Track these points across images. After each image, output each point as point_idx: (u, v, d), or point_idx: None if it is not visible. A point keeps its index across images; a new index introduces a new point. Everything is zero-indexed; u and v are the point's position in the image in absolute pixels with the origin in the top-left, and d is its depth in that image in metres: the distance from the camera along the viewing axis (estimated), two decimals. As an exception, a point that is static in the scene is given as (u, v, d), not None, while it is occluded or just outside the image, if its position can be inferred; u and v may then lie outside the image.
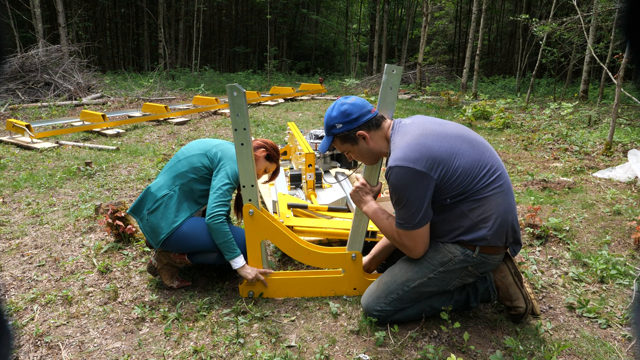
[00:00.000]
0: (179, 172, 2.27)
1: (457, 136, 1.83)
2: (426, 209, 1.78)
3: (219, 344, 1.90)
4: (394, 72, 1.96)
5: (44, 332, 2.00)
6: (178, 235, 2.20)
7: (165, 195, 2.23)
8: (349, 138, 1.93)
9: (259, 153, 2.42)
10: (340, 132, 1.92)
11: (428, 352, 1.79)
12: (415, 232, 1.83)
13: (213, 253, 2.29)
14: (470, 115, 8.30)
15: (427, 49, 23.56)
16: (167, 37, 21.26)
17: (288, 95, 12.02)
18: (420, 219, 1.79)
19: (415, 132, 1.83)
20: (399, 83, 1.98)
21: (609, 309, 2.14)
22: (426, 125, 1.86)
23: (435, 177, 1.74)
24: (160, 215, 2.21)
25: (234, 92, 2.01)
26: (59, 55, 11.34)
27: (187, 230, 2.20)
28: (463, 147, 1.80)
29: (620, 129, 6.93)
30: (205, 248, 2.24)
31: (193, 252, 2.30)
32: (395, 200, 1.81)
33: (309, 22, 29.48)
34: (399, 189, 1.77)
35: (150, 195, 2.26)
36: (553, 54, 10.88)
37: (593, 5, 9.09)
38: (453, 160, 1.76)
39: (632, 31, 0.38)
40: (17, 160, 5.17)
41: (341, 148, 2.00)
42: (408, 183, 1.74)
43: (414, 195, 1.75)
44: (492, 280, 2.02)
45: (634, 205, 3.50)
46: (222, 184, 2.18)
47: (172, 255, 2.31)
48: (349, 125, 1.90)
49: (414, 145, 1.76)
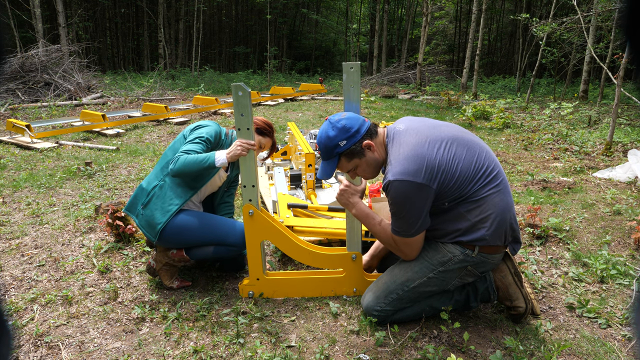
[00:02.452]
0: (166, 161, 2.28)
1: (452, 139, 1.82)
2: (424, 219, 1.80)
3: (219, 344, 1.90)
4: (352, 70, 1.97)
5: (44, 332, 2.00)
6: (173, 228, 2.18)
7: (155, 187, 2.23)
8: (356, 152, 1.87)
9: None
10: (346, 149, 1.85)
11: (428, 352, 1.79)
12: (413, 239, 1.85)
13: (209, 246, 2.29)
14: (470, 115, 8.30)
15: (427, 49, 23.56)
16: (167, 37, 21.26)
17: (288, 95, 12.02)
18: (417, 228, 1.81)
19: (411, 141, 1.80)
20: (359, 79, 2.00)
21: (609, 309, 2.14)
22: (421, 132, 1.84)
23: (435, 186, 1.74)
24: (154, 207, 2.20)
25: (239, 91, 2.01)
26: (59, 55, 11.33)
27: (181, 222, 2.19)
28: (459, 151, 1.80)
29: (620, 129, 6.93)
30: (201, 240, 2.24)
31: (190, 247, 2.30)
32: (394, 211, 1.81)
33: (309, 22, 29.48)
34: (399, 202, 1.77)
35: (142, 191, 2.27)
36: (553, 54, 10.87)
37: (593, 5, 9.08)
38: (451, 166, 1.76)
39: (632, 31, 0.38)
40: (17, 160, 5.17)
41: (347, 167, 1.92)
42: (408, 196, 1.74)
43: (413, 207, 1.76)
44: (492, 280, 2.02)
45: (634, 205, 3.50)
46: (192, 137, 2.21)
47: (170, 254, 2.31)
48: (354, 139, 1.85)
49: (411, 157, 1.75)
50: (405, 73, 18.03)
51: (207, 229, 2.22)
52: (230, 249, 2.28)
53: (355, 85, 1.99)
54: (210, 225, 2.25)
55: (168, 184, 2.23)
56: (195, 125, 2.33)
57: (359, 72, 1.98)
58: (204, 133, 2.24)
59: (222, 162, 2.09)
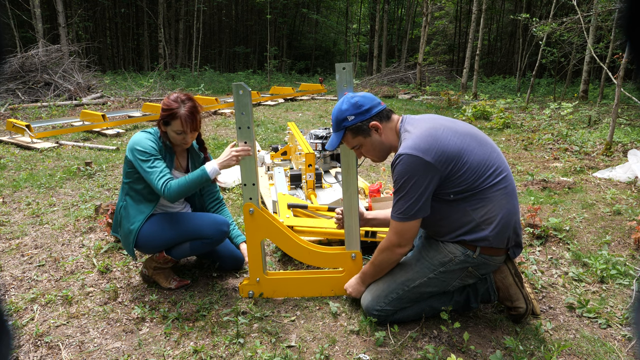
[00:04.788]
0: (122, 182, 2.30)
1: (466, 133, 1.84)
2: (425, 202, 1.78)
3: (219, 344, 1.90)
4: (344, 70, 1.97)
5: (44, 332, 2.00)
6: (142, 239, 2.22)
7: (121, 208, 2.27)
8: (361, 130, 1.89)
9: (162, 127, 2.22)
10: (352, 124, 1.88)
11: (428, 352, 1.79)
12: (409, 224, 1.81)
13: (186, 243, 2.29)
14: (470, 115, 8.30)
15: (427, 49, 23.55)
16: (167, 37, 21.25)
17: (288, 95, 12.02)
18: (416, 210, 1.78)
19: (426, 125, 1.83)
20: (353, 79, 2.00)
21: (609, 309, 2.14)
22: (437, 120, 1.88)
23: (442, 169, 1.74)
24: (124, 227, 2.25)
25: (240, 90, 2.01)
26: (59, 55, 11.33)
27: (147, 231, 2.22)
28: (472, 145, 1.80)
29: (620, 129, 6.93)
30: (175, 240, 2.26)
31: (168, 248, 2.30)
32: (397, 188, 1.80)
33: (309, 22, 29.48)
34: (404, 176, 1.76)
35: (116, 213, 2.33)
36: (553, 54, 10.87)
37: (593, 5, 9.08)
38: (462, 155, 1.76)
39: (632, 31, 0.38)
40: (17, 160, 5.17)
41: (352, 142, 1.94)
42: (414, 172, 1.74)
43: (416, 185, 1.75)
44: (493, 281, 2.02)
45: (634, 205, 3.50)
46: (146, 166, 2.13)
47: (155, 257, 2.32)
48: (362, 117, 1.87)
49: (425, 137, 1.77)
50: (405, 73, 18.03)
51: (177, 229, 2.23)
52: (205, 241, 2.27)
53: (349, 85, 1.99)
54: (181, 224, 2.26)
55: (129, 203, 2.25)
56: (132, 146, 2.19)
57: (351, 72, 1.98)
58: (147, 148, 2.15)
59: (216, 173, 2.11)
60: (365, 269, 2.07)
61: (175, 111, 2.14)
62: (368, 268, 2.04)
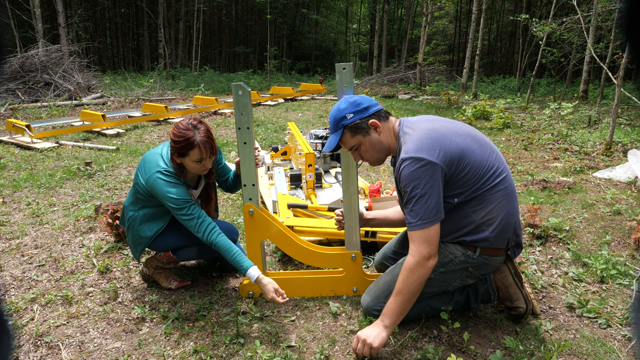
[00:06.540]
0: (135, 197, 2.20)
1: (466, 134, 1.83)
2: (440, 202, 1.72)
3: (219, 344, 1.90)
4: (344, 70, 1.97)
5: (44, 332, 2.00)
6: (152, 245, 2.25)
7: (131, 217, 2.24)
8: (360, 129, 1.86)
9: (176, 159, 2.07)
10: (351, 122, 1.85)
11: (428, 352, 1.79)
12: (432, 230, 1.71)
13: (193, 247, 2.31)
14: (470, 115, 8.30)
15: (427, 49, 23.55)
16: (167, 37, 21.25)
17: (288, 95, 12.02)
18: (436, 211, 1.71)
19: (425, 126, 1.82)
20: (353, 79, 1.99)
21: (609, 309, 2.14)
22: (436, 121, 1.87)
23: (447, 169, 1.72)
24: (133, 235, 2.25)
25: (239, 91, 2.01)
26: (59, 55, 11.33)
27: (159, 239, 2.24)
28: (472, 145, 1.80)
29: (620, 129, 6.93)
30: (183, 244, 2.28)
31: (175, 249, 2.32)
32: (409, 195, 1.72)
33: (309, 22, 29.47)
34: (414, 180, 1.70)
35: (125, 210, 2.30)
36: (553, 54, 10.87)
37: (593, 5, 9.08)
38: (464, 156, 1.75)
39: (632, 31, 0.38)
40: (17, 160, 5.17)
41: (351, 142, 1.89)
42: (422, 174, 1.70)
43: (429, 185, 1.70)
44: (492, 281, 2.02)
45: (634, 205, 3.50)
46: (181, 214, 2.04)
47: (158, 256, 2.33)
48: (361, 114, 1.85)
49: (425, 138, 1.75)
50: (405, 73, 18.03)
51: (189, 233, 2.19)
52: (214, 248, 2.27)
53: (349, 85, 1.98)
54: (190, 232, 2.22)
55: (141, 217, 2.21)
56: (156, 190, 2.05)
57: (351, 73, 1.98)
58: (179, 195, 2.04)
59: (251, 279, 2.00)
60: (389, 307, 1.78)
61: (192, 139, 1.98)
62: (393, 304, 1.77)
